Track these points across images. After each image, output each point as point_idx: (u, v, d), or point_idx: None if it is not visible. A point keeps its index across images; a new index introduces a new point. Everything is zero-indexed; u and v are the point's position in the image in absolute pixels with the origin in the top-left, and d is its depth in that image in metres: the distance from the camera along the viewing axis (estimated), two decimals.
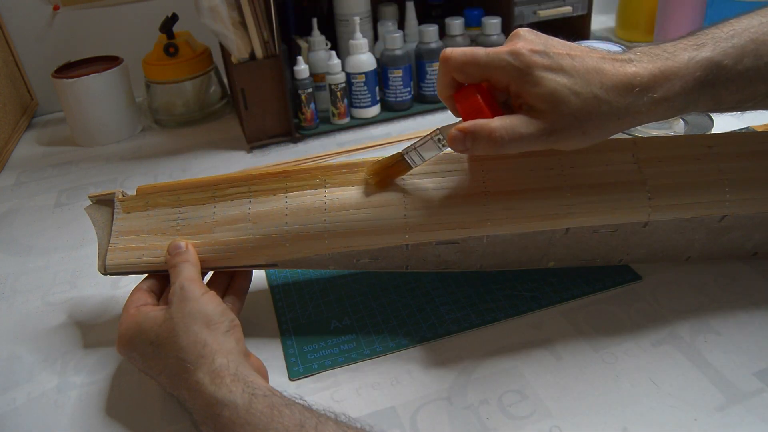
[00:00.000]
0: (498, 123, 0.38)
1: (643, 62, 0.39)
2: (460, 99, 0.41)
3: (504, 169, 0.46)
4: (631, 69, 0.38)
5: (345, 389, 0.44)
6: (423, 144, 0.43)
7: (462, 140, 0.39)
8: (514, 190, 0.45)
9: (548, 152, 0.47)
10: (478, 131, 0.39)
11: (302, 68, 0.78)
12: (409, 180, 0.46)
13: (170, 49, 0.86)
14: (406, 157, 0.44)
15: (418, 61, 0.84)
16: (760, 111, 0.44)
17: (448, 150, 0.42)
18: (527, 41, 0.39)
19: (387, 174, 0.45)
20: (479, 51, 0.39)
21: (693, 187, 0.45)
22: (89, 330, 0.52)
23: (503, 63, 0.38)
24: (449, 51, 0.40)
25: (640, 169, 0.45)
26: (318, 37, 0.83)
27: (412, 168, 0.44)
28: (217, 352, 0.38)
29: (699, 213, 0.45)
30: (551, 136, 0.38)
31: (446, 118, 0.84)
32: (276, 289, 0.54)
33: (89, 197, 0.50)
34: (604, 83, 0.38)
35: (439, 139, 0.42)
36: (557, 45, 0.39)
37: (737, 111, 0.43)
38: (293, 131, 0.82)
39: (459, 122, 0.41)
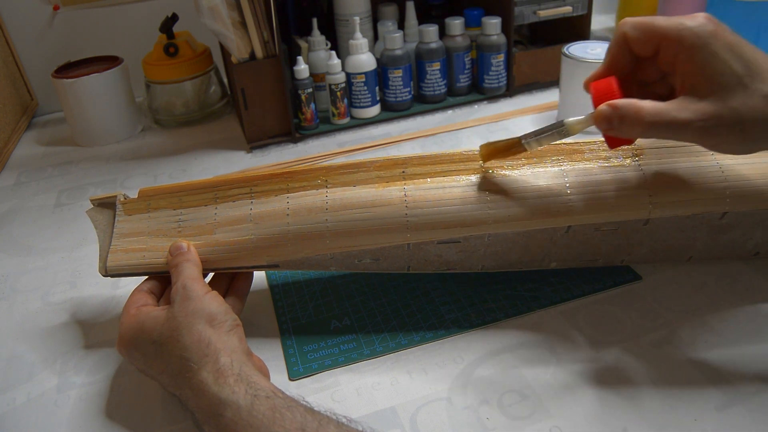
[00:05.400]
0: (649, 104, 0.37)
1: None
2: (595, 84, 0.41)
3: (505, 168, 0.46)
4: None
5: (345, 389, 0.44)
6: (544, 134, 0.43)
7: (609, 117, 0.38)
8: (515, 189, 0.45)
9: (547, 150, 0.47)
10: (626, 109, 0.37)
11: (302, 68, 0.78)
12: (409, 180, 0.46)
13: (170, 49, 0.86)
14: (523, 142, 0.44)
15: (418, 61, 0.84)
16: None
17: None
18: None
19: (502, 155, 0.45)
20: (659, 17, 0.39)
21: (693, 184, 0.45)
22: (89, 330, 0.52)
23: (681, 26, 0.37)
24: (627, 18, 0.40)
25: (640, 166, 0.45)
26: (318, 37, 0.83)
27: (527, 151, 0.44)
28: (221, 351, 0.39)
29: (700, 210, 0.45)
30: (706, 129, 0.36)
31: (446, 118, 0.85)
32: (276, 289, 0.54)
33: (90, 200, 0.50)
34: None
35: (561, 130, 0.42)
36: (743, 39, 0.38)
37: None
38: (293, 131, 0.82)
39: (585, 117, 0.41)
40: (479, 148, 0.46)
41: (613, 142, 0.41)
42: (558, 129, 0.42)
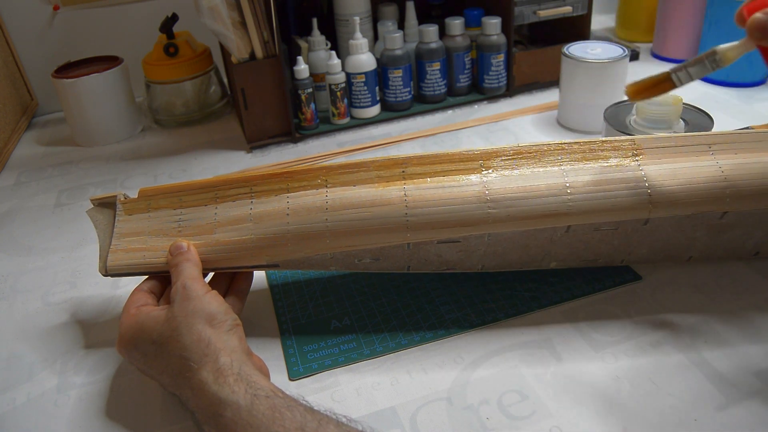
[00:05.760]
0: None
1: None
2: (749, 5, 0.40)
3: (505, 167, 0.46)
4: None
5: (345, 389, 0.44)
6: (695, 65, 0.42)
7: (760, 24, 0.38)
8: (515, 189, 0.45)
9: (548, 151, 0.47)
10: None
11: (302, 68, 0.78)
12: (409, 180, 0.46)
13: (170, 49, 0.86)
14: (673, 76, 0.43)
15: (418, 61, 0.84)
16: (759, 110, 0.43)
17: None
18: None
19: (649, 92, 0.45)
20: None
21: (693, 184, 0.45)
22: (89, 330, 0.52)
23: None
24: None
25: (640, 166, 0.45)
26: (318, 37, 0.83)
27: (677, 87, 0.44)
28: (221, 351, 0.39)
29: (700, 210, 0.45)
30: None
31: (446, 118, 0.85)
32: (276, 289, 0.54)
33: (91, 200, 0.50)
34: None
35: (713, 59, 0.41)
36: None
37: None
38: (293, 131, 0.82)
39: (739, 42, 0.40)
40: (625, 87, 0.45)
41: None
42: (710, 58, 0.42)
